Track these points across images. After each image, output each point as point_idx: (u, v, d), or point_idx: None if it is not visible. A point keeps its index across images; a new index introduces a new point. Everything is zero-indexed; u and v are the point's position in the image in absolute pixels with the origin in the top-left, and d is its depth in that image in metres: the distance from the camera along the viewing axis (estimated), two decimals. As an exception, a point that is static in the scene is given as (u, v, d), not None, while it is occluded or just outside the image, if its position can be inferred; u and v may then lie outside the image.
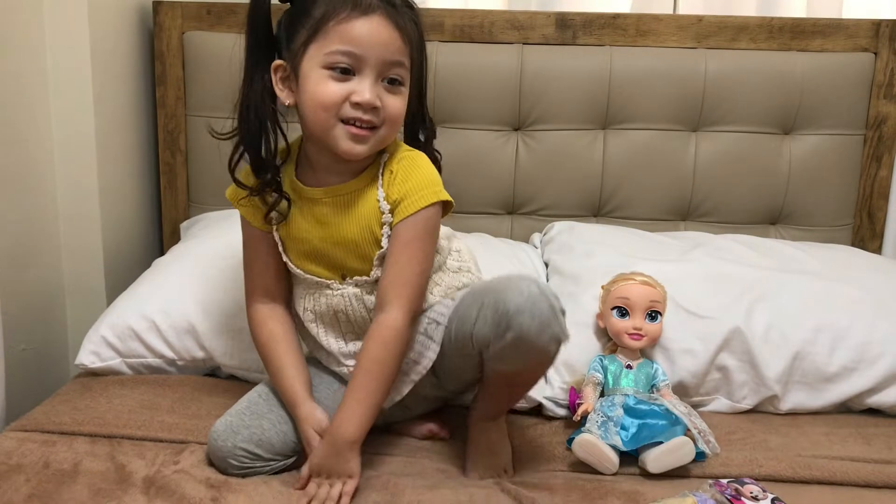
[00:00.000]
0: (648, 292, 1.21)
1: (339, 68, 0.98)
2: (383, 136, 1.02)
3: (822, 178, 1.62)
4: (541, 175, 1.63)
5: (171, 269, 1.40)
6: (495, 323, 0.96)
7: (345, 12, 0.97)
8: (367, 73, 0.98)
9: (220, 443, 1.02)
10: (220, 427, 1.03)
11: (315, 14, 0.98)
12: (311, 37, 0.98)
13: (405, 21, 1.01)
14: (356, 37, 0.97)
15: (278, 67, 1.03)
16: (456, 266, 1.16)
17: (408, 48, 1.02)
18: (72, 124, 1.48)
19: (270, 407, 1.07)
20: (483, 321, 0.97)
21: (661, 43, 1.61)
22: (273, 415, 1.06)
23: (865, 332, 1.26)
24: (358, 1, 0.98)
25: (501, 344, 0.96)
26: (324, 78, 0.98)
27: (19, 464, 1.03)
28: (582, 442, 1.06)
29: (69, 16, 1.44)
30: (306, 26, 0.99)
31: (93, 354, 1.29)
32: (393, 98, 1.01)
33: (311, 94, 0.99)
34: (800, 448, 1.13)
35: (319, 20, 0.98)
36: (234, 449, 1.01)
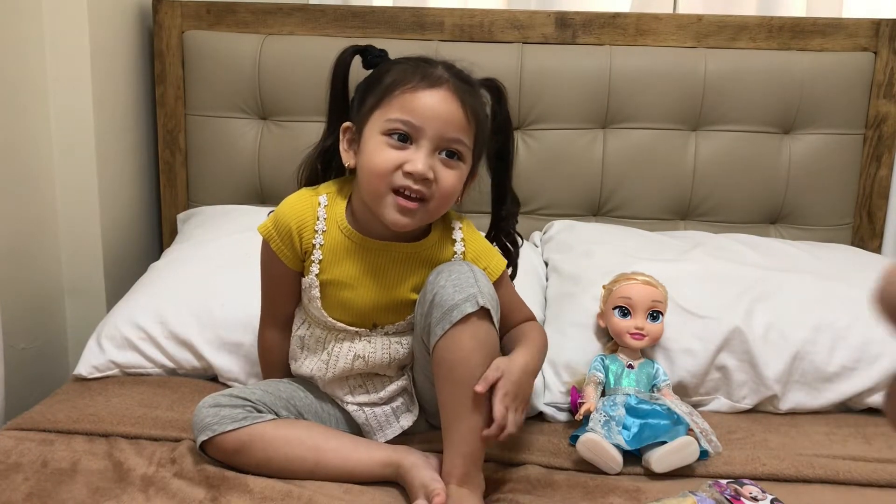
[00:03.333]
0: (650, 292, 1.21)
1: (396, 135, 0.98)
2: (432, 209, 1.01)
3: (821, 178, 1.62)
4: (540, 174, 1.63)
5: (168, 277, 1.40)
6: (423, 300, 0.99)
7: (413, 82, 0.98)
8: (423, 143, 0.98)
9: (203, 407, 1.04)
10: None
11: (385, 81, 1.00)
12: (378, 103, 1.00)
13: (474, 99, 1.02)
14: (418, 107, 0.97)
15: (347, 129, 1.05)
16: None
17: (472, 126, 1.01)
18: (72, 123, 1.48)
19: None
20: (419, 312, 1.01)
21: (661, 42, 1.61)
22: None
23: (865, 332, 1.25)
24: (428, 73, 0.99)
25: (427, 310, 0.98)
26: (381, 144, 0.98)
27: (18, 462, 1.03)
28: (586, 441, 1.06)
29: (69, 15, 1.44)
30: (375, 93, 1.01)
31: (92, 367, 1.29)
32: (448, 172, 1.00)
33: (368, 158, 0.99)
34: (800, 447, 1.13)
35: (388, 87, 0.99)
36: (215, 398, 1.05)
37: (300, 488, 0.98)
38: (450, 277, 0.97)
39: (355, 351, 1.07)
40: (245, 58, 1.62)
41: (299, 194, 1.08)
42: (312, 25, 1.64)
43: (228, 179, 1.67)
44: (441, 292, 0.96)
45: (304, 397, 1.11)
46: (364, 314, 1.07)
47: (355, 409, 1.10)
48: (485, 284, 0.98)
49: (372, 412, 1.10)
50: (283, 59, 1.62)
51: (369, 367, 1.08)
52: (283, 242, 1.05)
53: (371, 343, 1.07)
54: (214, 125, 1.65)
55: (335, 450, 1.02)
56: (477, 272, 0.99)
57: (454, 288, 0.96)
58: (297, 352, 1.13)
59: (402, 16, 1.62)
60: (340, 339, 1.08)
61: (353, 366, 1.07)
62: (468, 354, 0.95)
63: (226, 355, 1.28)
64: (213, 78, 1.64)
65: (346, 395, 1.10)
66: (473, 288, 0.96)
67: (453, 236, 1.09)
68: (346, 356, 1.07)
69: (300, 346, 1.12)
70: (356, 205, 1.06)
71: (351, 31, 1.63)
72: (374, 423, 1.10)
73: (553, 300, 1.38)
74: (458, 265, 1.00)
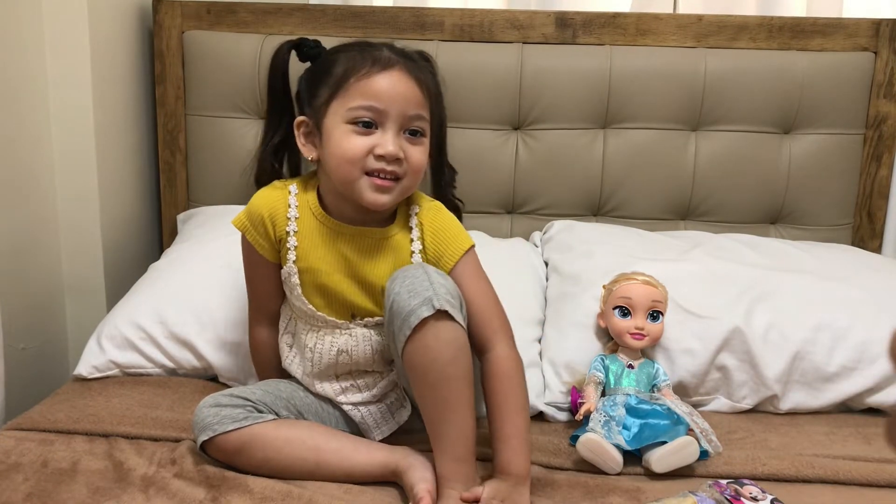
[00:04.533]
0: (650, 292, 1.21)
1: (361, 122, 1.01)
2: (406, 186, 1.05)
3: (821, 178, 1.62)
4: (540, 174, 1.63)
5: (168, 277, 1.40)
6: (385, 310, 1.00)
7: (365, 68, 1.01)
8: (389, 126, 1.01)
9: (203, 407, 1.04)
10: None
11: (336, 72, 1.02)
12: (334, 94, 1.02)
13: (424, 74, 1.05)
14: (377, 91, 1.00)
15: (301, 124, 1.07)
16: None
17: (427, 101, 1.05)
18: (72, 123, 1.48)
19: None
20: (385, 321, 1.01)
21: (661, 42, 1.61)
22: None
23: (865, 332, 1.25)
24: (377, 56, 1.01)
25: (389, 319, 0.98)
26: (347, 133, 1.01)
27: (17, 463, 1.03)
28: (587, 441, 1.06)
29: (69, 15, 1.44)
30: (328, 84, 1.02)
31: (92, 367, 1.29)
32: (415, 149, 1.04)
33: (336, 148, 1.02)
34: (800, 447, 1.13)
35: (341, 77, 1.01)
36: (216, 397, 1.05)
37: (300, 489, 0.98)
38: (404, 283, 0.97)
39: (338, 345, 1.08)
40: (245, 58, 1.62)
41: (269, 186, 1.12)
42: (312, 25, 1.64)
43: (229, 179, 1.66)
44: (397, 299, 0.96)
45: (303, 397, 1.11)
46: (342, 302, 1.08)
47: (350, 408, 1.11)
48: (440, 283, 0.97)
49: (367, 410, 1.10)
50: (283, 59, 1.62)
51: (354, 362, 1.09)
52: (258, 232, 1.09)
53: (352, 336, 1.08)
54: (214, 125, 1.65)
55: (336, 450, 1.01)
56: (431, 272, 0.98)
57: (409, 293, 0.95)
58: (285, 350, 1.14)
59: (403, 16, 1.62)
60: (322, 334, 1.09)
61: (338, 361, 1.08)
62: (436, 356, 0.94)
63: (226, 355, 1.28)
64: (214, 78, 1.63)
65: (340, 396, 1.10)
66: (428, 291, 0.95)
67: (410, 223, 1.10)
68: (329, 351, 1.08)
69: (288, 345, 1.14)
70: (325, 194, 1.09)
71: (351, 31, 1.63)
72: (371, 420, 1.11)
73: (553, 300, 1.38)
74: (412, 269, 0.99)
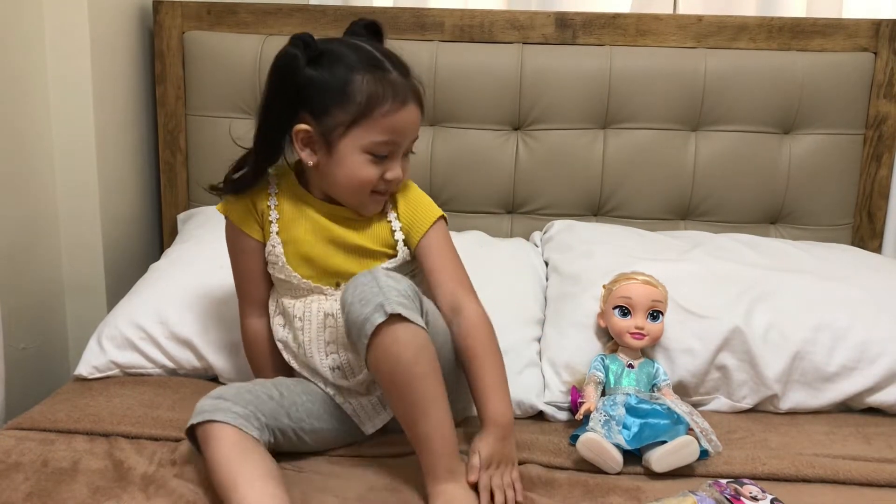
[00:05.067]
0: (650, 292, 1.21)
1: (379, 155, 1.06)
2: (394, 192, 1.13)
3: (821, 178, 1.62)
4: (540, 174, 1.63)
5: (168, 277, 1.40)
6: (343, 321, 1.00)
7: (387, 104, 1.03)
8: (398, 153, 1.08)
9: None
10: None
11: (357, 99, 1.03)
12: (354, 122, 1.04)
13: (422, 97, 1.09)
14: (398, 128, 1.05)
15: (303, 132, 1.06)
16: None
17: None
18: (72, 123, 1.48)
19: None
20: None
21: (661, 43, 1.61)
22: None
23: (865, 332, 1.25)
24: (396, 91, 1.04)
25: (348, 330, 0.99)
26: (364, 162, 1.06)
27: (18, 462, 1.03)
28: (587, 441, 1.06)
29: (69, 16, 1.44)
30: (346, 109, 1.03)
31: (92, 367, 1.29)
32: (407, 164, 1.11)
33: (350, 171, 1.06)
34: (800, 447, 1.13)
35: (363, 108, 1.03)
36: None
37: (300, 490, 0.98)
38: (355, 293, 0.97)
39: (324, 309, 1.10)
40: (245, 58, 1.62)
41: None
42: (313, 26, 1.64)
43: (229, 179, 1.67)
44: (351, 310, 0.97)
45: (305, 402, 1.10)
46: (326, 269, 1.11)
47: (342, 401, 1.11)
48: (390, 287, 0.96)
49: (358, 403, 1.11)
50: (283, 60, 1.62)
51: (340, 328, 1.09)
52: (243, 208, 1.13)
53: (338, 301, 1.07)
54: (215, 125, 1.65)
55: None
56: (380, 276, 0.98)
57: (360, 303, 0.96)
58: (279, 332, 1.15)
59: (403, 16, 1.62)
60: (309, 301, 1.11)
61: (325, 325, 1.10)
62: (398, 358, 0.94)
63: (226, 355, 1.28)
64: (214, 78, 1.64)
65: (327, 372, 1.10)
66: (378, 297, 0.95)
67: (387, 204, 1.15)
68: (317, 315, 1.10)
69: (280, 325, 1.15)
70: (310, 179, 1.13)
71: (351, 32, 1.63)
72: (363, 413, 1.11)
73: (553, 300, 1.39)
74: (361, 276, 0.99)
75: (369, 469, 1.06)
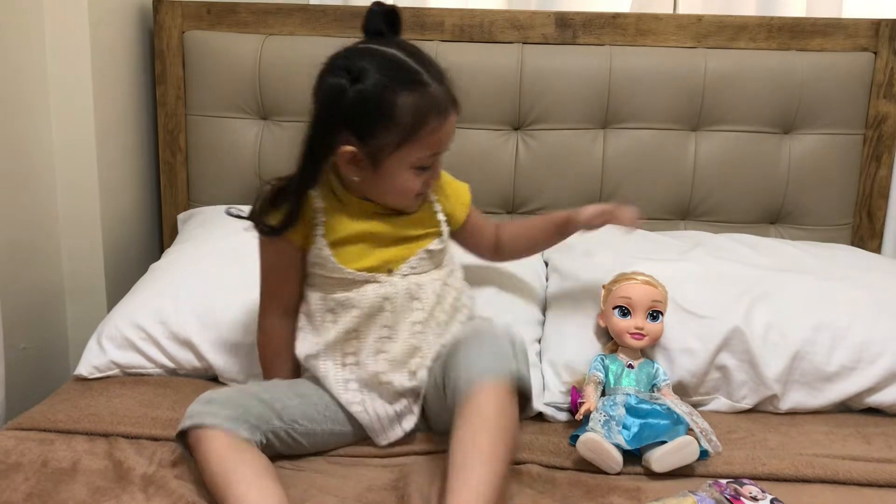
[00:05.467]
0: (650, 292, 1.21)
1: (426, 167, 1.09)
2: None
3: (821, 178, 1.62)
4: (541, 174, 1.63)
5: (168, 277, 1.40)
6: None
7: (433, 121, 1.05)
8: (440, 158, 1.11)
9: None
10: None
11: (402, 121, 1.03)
12: (402, 142, 1.05)
13: (456, 97, 1.09)
14: (442, 140, 1.08)
15: (349, 154, 1.06)
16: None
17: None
18: (72, 124, 1.48)
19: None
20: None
21: (661, 42, 1.61)
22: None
23: (865, 332, 1.25)
24: (439, 106, 1.05)
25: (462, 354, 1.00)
26: (412, 175, 1.09)
27: (18, 462, 1.03)
28: (586, 441, 1.06)
29: (69, 15, 1.44)
30: (393, 132, 1.04)
31: (92, 367, 1.29)
32: (440, 161, 1.13)
33: (398, 185, 1.09)
34: (800, 447, 1.13)
35: (410, 129, 1.04)
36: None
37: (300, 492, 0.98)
38: (493, 344, 1.00)
39: (381, 294, 1.10)
40: (245, 58, 1.62)
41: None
42: (313, 26, 1.64)
43: (229, 179, 1.67)
44: (479, 359, 0.98)
45: (317, 403, 1.10)
46: (378, 259, 1.12)
47: (359, 409, 1.10)
48: (523, 355, 1.03)
49: (375, 413, 1.10)
50: (283, 60, 1.62)
51: (395, 312, 1.10)
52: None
53: (392, 286, 1.11)
54: (215, 125, 1.66)
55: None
56: (517, 343, 1.02)
57: (494, 355, 0.98)
58: (327, 327, 1.12)
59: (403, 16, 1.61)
60: (365, 290, 1.11)
61: (382, 308, 1.10)
62: (503, 414, 0.94)
63: (226, 355, 1.28)
64: (214, 78, 1.64)
65: (373, 362, 1.10)
66: (512, 363, 0.98)
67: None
68: (374, 300, 1.10)
69: (331, 321, 1.12)
70: (354, 187, 1.12)
71: (351, 32, 1.63)
72: (378, 425, 1.11)
73: (553, 300, 1.39)
74: (501, 332, 1.02)
75: (369, 468, 1.06)
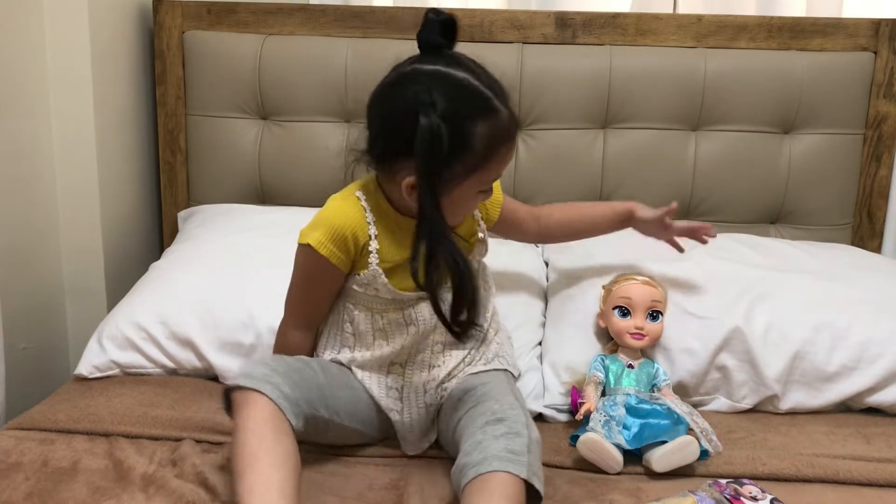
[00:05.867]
0: (650, 292, 1.21)
1: (488, 189, 1.07)
2: None
3: (821, 178, 1.62)
4: (541, 174, 1.63)
5: (169, 276, 1.40)
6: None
7: (503, 148, 1.02)
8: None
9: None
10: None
11: (476, 150, 0.99)
12: (474, 171, 1.01)
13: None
14: (507, 161, 1.06)
15: (412, 185, 1.01)
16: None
17: None
18: (72, 124, 1.48)
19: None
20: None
21: (661, 42, 1.61)
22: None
23: (865, 332, 1.25)
24: (509, 131, 1.03)
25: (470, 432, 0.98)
26: (476, 197, 1.07)
27: (18, 462, 1.03)
28: (587, 441, 1.06)
29: (69, 15, 1.44)
30: (466, 163, 1.00)
31: (92, 367, 1.29)
32: None
33: (461, 209, 1.08)
34: (800, 447, 1.13)
35: (482, 159, 1.00)
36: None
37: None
38: (511, 428, 0.96)
39: (430, 308, 1.07)
40: (245, 58, 1.62)
41: (340, 198, 1.09)
42: (313, 25, 1.64)
43: (229, 179, 1.67)
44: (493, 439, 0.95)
45: (345, 395, 1.09)
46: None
47: (398, 418, 1.10)
48: (535, 452, 0.97)
49: (411, 422, 1.11)
50: (283, 59, 1.62)
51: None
52: (339, 248, 1.06)
53: (445, 301, 1.06)
54: (215, 125, 1.65)
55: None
56: (533, 439, 0.97)
57: (506, 449, 0.93)
58: (380, 344, 1.11)
59: (403, 16, 1.62)
60: (419, 308, 1.10)
61: (438, 324, 1.08)
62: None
63: (226, 355, 1.28)
64: (214, 78, 1.64)
65: (429, 373, 1.11)
66: (524, 458, 0.93)
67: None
68: (430, 319, 1.09)
69: (382, 338, 1.11)
70: (394, 200, 1.08)
71: (351, 32, 1.63)
72: (411, 435, 1.11)
73: (553, 300, 1.39)
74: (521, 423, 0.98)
75: (369, 468, 1.07)
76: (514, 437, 0.95)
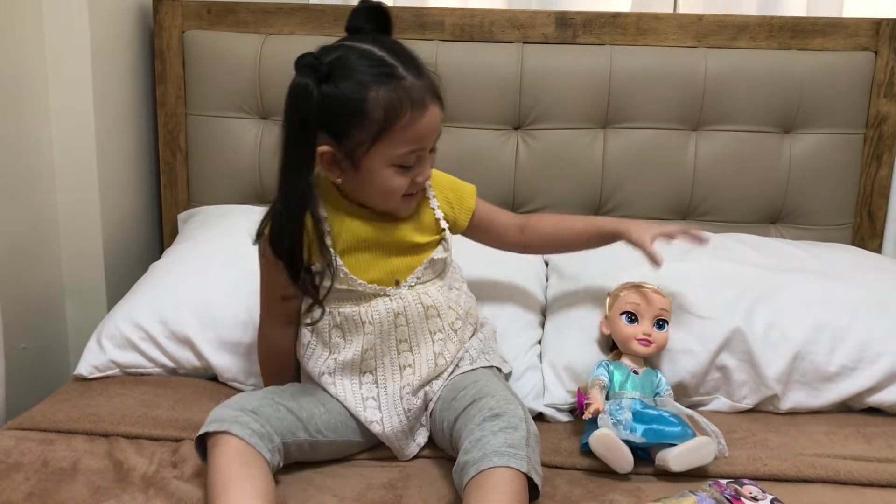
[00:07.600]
0: (658, 300, 1.21)
1: (407, 165, 1.04)
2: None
3: (822, 178, 1.62)
4: (541, 174, 1.63)
5: (168, 276, 1.40)
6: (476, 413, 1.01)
7: (406, 115, 1.00)
8: (425, 155, 1.06)
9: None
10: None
11: (374, 116, 0.99)
12: (376, 139, 1.01)
13: (439, 90, 1.05)
14: (421, 135, 1.03)
15: (327, 154, 1.03)
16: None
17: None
18: (72, 124, 1.48)
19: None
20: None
21: (662, 42, 1.61)
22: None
23: (865, 332, 1.25)
24: (413, 98, 1.00)
25: (468, 430, 0.98)
26: (392, 174, 1.04)
27: (18, 462, 1.03)
28: (601, 437, 1.05)
29: (69, 15, 1.44)
30: (365, 128, 1.00)
31: (92, 367, 1.29)
32: (431, 157, 1.09)
33: (380, 185, 1.05)
34: (801, 447, 1.13)
35: (383, 124, 0.99)
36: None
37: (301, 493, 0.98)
38: (509, 425, 0.96)
39: (393, 309, 1.09)
40: (246, 58, 1.62)
41: None
42: (313, 25, 1.64)
43: (229, 179, 1.67)
44: (491, 436, 0.95)
45: (322, 413, 1.08)
46: (385, 269, 1.10)
47: (380, 429, 1.09)
48: (535, 446, 0.97)
49: (393, 430, 1.09)
50: (283, 59, 1.59)
51: (411, 325, 1.10)
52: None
53: (402, 298, 1.10)
54: (215, 125, 1.65)
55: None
56: (532, 434, 0.98)
57: (506, 443, 0.94)
58: (337, 343, 1.11)
59: (403, 16, 1.62)
60: (375, 304, 1.09)
61: (396, 323, 1.09)
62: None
63: (226, 355, 1.28)
64: (214, 78, 1.64)
65: (390, 378, 1.10)
66: (523, 451, 0.94)
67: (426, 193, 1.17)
68: (386, 317, 1.09)
69: (339, 336, 1.11)
70: (346, 192, 1.10)
71: (351, 31, 1.63)
72: (396, 443, 1.10)
73: (553, 300, 1.38)
74: (520, 421, 0.98)
75: (368, 468, 1.07)
76: (512, 432, 0.95)
